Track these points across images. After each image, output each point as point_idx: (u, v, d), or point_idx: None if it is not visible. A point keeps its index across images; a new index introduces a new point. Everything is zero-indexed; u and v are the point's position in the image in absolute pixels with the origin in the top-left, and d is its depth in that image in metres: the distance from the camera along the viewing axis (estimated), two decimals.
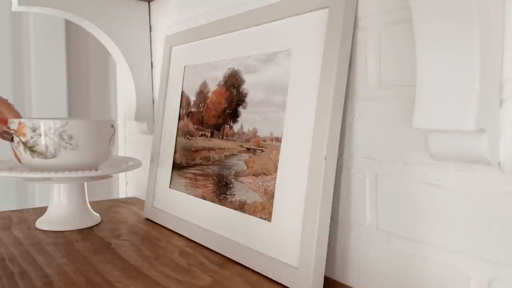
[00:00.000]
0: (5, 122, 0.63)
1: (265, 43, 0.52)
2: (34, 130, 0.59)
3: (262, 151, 0.50)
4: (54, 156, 0.59)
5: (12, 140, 0.61)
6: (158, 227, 0.66)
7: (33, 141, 0.59)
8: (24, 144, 0.59)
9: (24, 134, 0.59)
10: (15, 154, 0.63)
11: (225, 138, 0.57)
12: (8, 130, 0.61)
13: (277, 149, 0.48)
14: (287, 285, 0.44)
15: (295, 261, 0.43)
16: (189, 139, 0.64)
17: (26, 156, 0.60)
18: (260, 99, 0.52)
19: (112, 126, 0.65)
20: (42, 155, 0.59)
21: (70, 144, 0.59)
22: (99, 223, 0.68)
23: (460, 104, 0.32)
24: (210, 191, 0.58)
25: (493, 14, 0.32)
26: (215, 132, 0.59)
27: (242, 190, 0.52)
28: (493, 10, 0.32)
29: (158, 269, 0.49)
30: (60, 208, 0.65)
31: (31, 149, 0.59)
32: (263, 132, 0.51)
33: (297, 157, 0.45)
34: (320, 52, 0.44)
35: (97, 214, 0.69)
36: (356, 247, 0.45)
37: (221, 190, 0.56)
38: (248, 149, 0.53)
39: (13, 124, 0.60)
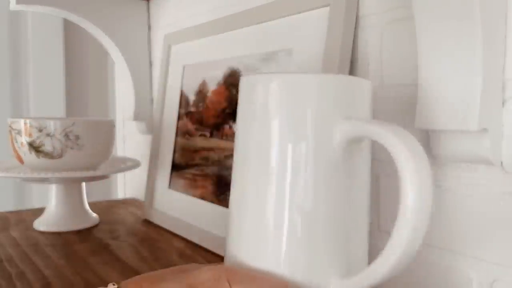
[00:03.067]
0: None
1: (265, 42, 0.52)
2: (40, 130, 0.58)
3: None
4: (60, 157, 0.59)
5: None
6: (157, 228, 0.66)
7: (39, 141, 0.58)
8: (30, 144, 0.59)
9: (30, 135, 0.59)
10: (17, 155, 0.62)
11: (224, 138, 0.56)
12: None
13: None
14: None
15: None
16: (188, 139, 0.64)
17: (30, 156, 0.59)
18: None
19: (114, 125, 0.65)
20: (49, 155, 0.59)
21: (77, 145, 0.59)
22: (97, 224, 0.67)
23: (462, 104, 0.31)
24: (209, 191, 0.57)
25: (496, 13, 0.32)
26: (215, 132, 0.58)
27: None
28: (496, 9, 0.32)
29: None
30: (58, 208, 0.65)
31: (37, 149, 0.59)
32: None
33: None
34: (321, 51, 0.44)
35: (95, 215, 0.69)
36: None
37: (220, 190, 0.55)
38: None
39: (17, 123, 0.60)
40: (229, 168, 0.55)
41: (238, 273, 0.29)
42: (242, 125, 0.32)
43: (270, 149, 0.30)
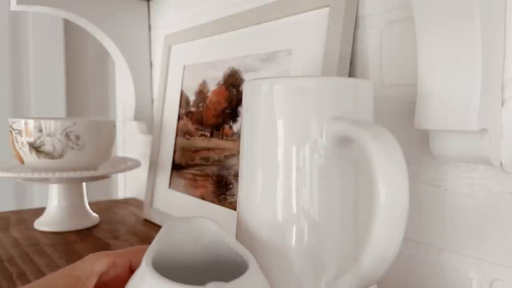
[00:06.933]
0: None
1: (265, 42, 0.52)
2: (41, 130, 0.58)
3: None
4: (61, 157, 0.59)
5: None
6: (157, 228, 0.66)
7: (40, 142, 0.58)
8: (30, 144, 0.59)
9: (30, 135, 0.59)
10: (18, 155, 0.62)
11: (224, 138, 0.56)
12: None
13: None
14: None
15: None
16: (188, 139, 0.64)
17: (31, 156, 0.60)
18: None
19: (115, 126, 0.65)
20: (49, 155, 0.59)
21: (77, 145, 0.59)
22: (97, 224, 0.67)
23: (462, 104, 0.31)
24: (209, 191, 0.57)
25: (495, 14, 0.32)
26: (215, 132, 0.58)
27: None
28: (495, 10, 0.32)
29: None
30: (58, 208, 0.65)
31: (38, 149, 0.59)
32: None
33: None
34: (320, 51, 0.44)
35: (95, 214, 0.69)
36: None
37: (220, 190, 0.55)
38: None
39: (18, 123, 0.60)
40: (229, 168, 0.55)
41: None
42: (246, 131, 0.32)
43: (274, 151, 0.30)
